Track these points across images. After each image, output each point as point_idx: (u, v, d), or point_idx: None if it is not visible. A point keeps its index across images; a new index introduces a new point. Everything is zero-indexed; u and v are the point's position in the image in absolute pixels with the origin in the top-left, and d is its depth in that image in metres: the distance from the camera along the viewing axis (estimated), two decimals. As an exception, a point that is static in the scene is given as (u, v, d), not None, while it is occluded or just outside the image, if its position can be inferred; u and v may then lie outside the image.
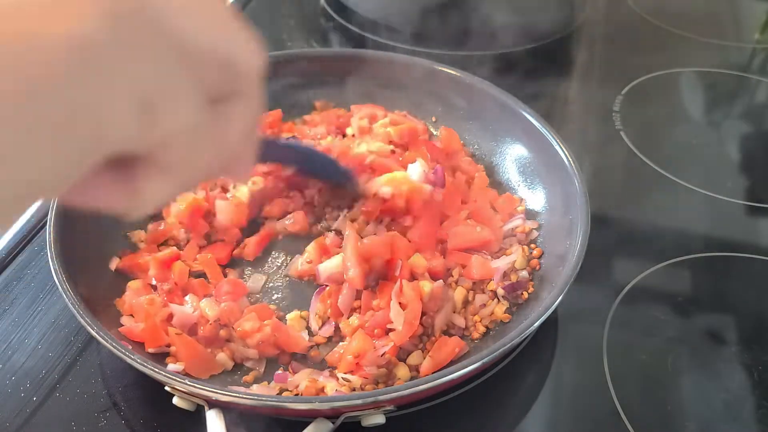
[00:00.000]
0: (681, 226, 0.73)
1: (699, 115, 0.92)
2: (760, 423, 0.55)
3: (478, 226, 0.64)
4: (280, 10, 1.08)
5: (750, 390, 0.57)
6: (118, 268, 0.62)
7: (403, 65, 0.79)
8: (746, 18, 1.11)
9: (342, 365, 0.55)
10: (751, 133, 0.89)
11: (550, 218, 0.66)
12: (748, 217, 0.75)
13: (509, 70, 0.95)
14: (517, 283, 0.61)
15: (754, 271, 0.68)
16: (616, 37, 1.05)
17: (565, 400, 0.57)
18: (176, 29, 0.27)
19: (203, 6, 0.29)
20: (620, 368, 0.58)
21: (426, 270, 0.60)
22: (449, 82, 0.77)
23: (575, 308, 0.62)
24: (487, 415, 0.56)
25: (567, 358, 0.60)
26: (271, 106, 0.78)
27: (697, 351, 0.61)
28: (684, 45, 1.01)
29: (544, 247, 0.65)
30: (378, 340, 0.56)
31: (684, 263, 0.68)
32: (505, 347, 0.50)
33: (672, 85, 0.94)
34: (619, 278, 0.66)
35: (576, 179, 0.63)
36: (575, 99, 0.93)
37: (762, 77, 0.96)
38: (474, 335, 0.59)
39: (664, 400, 0.56)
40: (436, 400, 0.55)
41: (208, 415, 0.48)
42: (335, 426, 0.49)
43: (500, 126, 0.74)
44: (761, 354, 0.60)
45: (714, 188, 0.76)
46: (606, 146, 0.83)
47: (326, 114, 0.78)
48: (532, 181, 0.70)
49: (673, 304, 0.64)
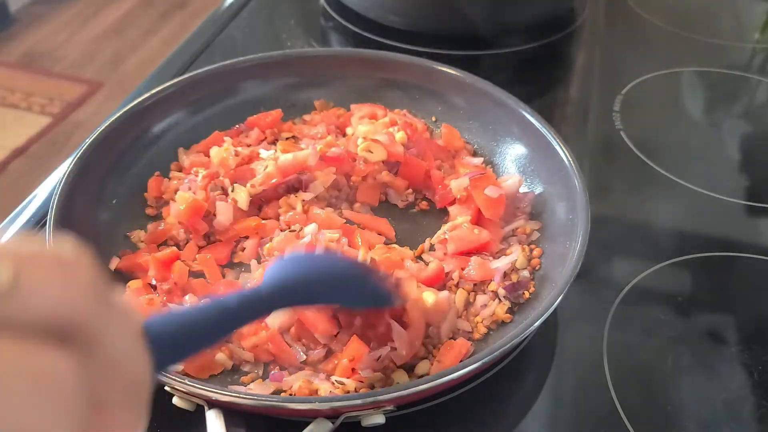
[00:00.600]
0: (681, 226, 0.73)
1: (699, 115, 0.91)
2: (760, 423, 0.55)
3: (476, 228, 0.64)
4: (280, 10, 1.08)
5: (750, 390, 0.57)
6: (118, 268, 0.62)
7: (403, 65, 0.79)
8: (746, 18, 1.11)
9: (338, 369, 0.54)
10: (751, 133, 0.89)
11: (551, 218, 0.66)
12: (748, 217, 0.75)
13: (509, 69, 0.95)
14: (517, 283, 0.61)
15: (754, 271, 0.68)
16: (616, 37, 1.05)
17: (565, 400, 0.57)
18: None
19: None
20: (620, 368, 0.58)
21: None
22: (449, 82, 0.77)
23: (575, 308, 0.62)
24: (487, 415, 0.56)
25: (567, 358, 0.60)
26: (271, 106, 0.78)
27: (697, 351, 0.61)
28: (684, 45, 1.01)
29: (544, 247, 0.64)
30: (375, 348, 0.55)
31: (684, 263, 0.68)
32: (505, 347, 0.50)
33: (672, 85, 0.94)
34: (619, 278, 0.66)
35: (576, 179, 0.63)
36: (575, 99, 0.93)
37: (762, 77, 0.96)
38: (476, 336, 0.59)
39: (664, 400, 0.56)
40: (436, 400, 0.55)
41: (207, 415, 0.48)
42: (335, 426, 0.49)
43: (500, 126, 0.74)
44: (761, 354, 0.60)
45: (714, 188, 0.76)
46: (606, 146, 0.83)
47: (326, 114, 0.78)
48: (532, 180, 0.70)
49: (673, 304, 0.64)
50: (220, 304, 0.35)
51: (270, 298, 0.42)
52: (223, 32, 1.00)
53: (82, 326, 0.20)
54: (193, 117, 0.76)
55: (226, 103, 0.78)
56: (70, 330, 0.20)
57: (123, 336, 0.22)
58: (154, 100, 0.73)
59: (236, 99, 0.78)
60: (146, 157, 0.72)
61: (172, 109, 0.74)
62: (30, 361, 0.18)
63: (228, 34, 1.01)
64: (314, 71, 0.80)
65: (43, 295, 0.19)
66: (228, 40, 0.99)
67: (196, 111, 0.76)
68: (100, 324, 0.21)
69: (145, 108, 0.72)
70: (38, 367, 0.18)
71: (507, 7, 0.96)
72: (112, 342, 0.21)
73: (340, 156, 0.69)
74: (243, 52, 0.80)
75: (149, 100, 0.72)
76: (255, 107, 0.78)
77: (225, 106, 0.78)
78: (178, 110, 0.75)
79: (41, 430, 0.18)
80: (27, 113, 2.40)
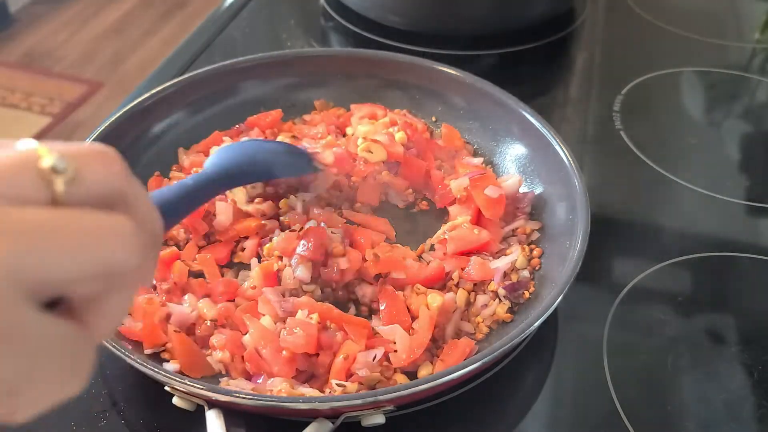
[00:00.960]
0: (681, 226, 0.73)
1: (699, 115, 0.91)
2: (760, 423, 0.55)
3: (476, 228, 0.64)
4: (280, 10, 1.08)
5: (750, 390, 0.57)
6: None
7: (403, 65, 0.79)
8: (746, 18, 1.11)
9: (333, 369, 0.54)
10: (751, 133, 0.89)
11: (551, 218, 0.66)
12: (748, 217, 0.75)
13: (509, 69, 0.95)
14: (518, 282, 0.61)
15: (754, 271, 0.68)
16: (616, 36, 1.05)
17: (565, 400, 0.57)
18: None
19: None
20: (620, 368, 0.58)
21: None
22: (449, 82, 0.77)
23: (575, 308, 0.62)
24: (487, 415, 0.56)
25: (567, 358, 0.60)
26: (271, 106, 0.78)
27: (697, 351, 0.61)
28: (684, 45, 1.01)
29: (544, 247, 0.64)
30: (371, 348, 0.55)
31: (684, 263, 0.68)
32: (505, 347, 0.50)
33: (672, 85, 0.94)
34: (619, 278, 0.66)
35: (576, 179, 0.63)
36: (575, 99, 0.93)
37: (762, 77, 0.96)
38: (478, 336, 0.59)
39: (664, 400, 0.56)
40: (436, 400, 0.55)
41: (208, 415, 0.48)
42: (335, 426, 0.49)
43: (500, 125, 0.74)
44: (761, 354, 0.60)
45: (714, 188, 0.76)
46: (606, 146, 0.83)
47: (326, 113, 0.78)
48: (532, 180, 0.70)
49: (673, 304, 0.64)
50: (181, 184, 0.49)
51: (217, 179, 0.58)
52: (223, 32, 1.00)
53: (123, 196, 0.27)
54: (193, 117, 0.76)
55: (226, 103, 0.78)
56: (116, 200, 0.27)
57: (146, 201, 0.29)
58: (154, 100, 0.73)
59: (236, 99, 0.78)
60: (146, 157, 0.72)
61: (172, 109, 0.74)
62: (104, 220, 0.25)
63: (228, 34, 1.01)
64: (314, 71, 0.80)
65: (97, 177, 0.26)
66: (228, 40, 0.99)
67: (196, 111, 0.76)
68: (134, 192, 0.28)
69: (145, 108, 0.72)
70: (110, 221, 0.26)
71: (507, 7, 0.96)
72: (141, 205, 0.28)
73: (340, 156, 0.69)
74: (243, 52, 0.80)
75: (149, 100, 0.72)
76: (255, 107, 0.78)
77: (225, 106, 0.78)
78: (178, 110, 0.75)
79: (123, 264, 0.25)
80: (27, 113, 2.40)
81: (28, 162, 0.24)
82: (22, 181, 0.24)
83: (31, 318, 0.23)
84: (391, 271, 0.61)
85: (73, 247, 0.24)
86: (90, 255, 0.24)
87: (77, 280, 0.24)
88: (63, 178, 0.25)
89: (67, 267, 0.24)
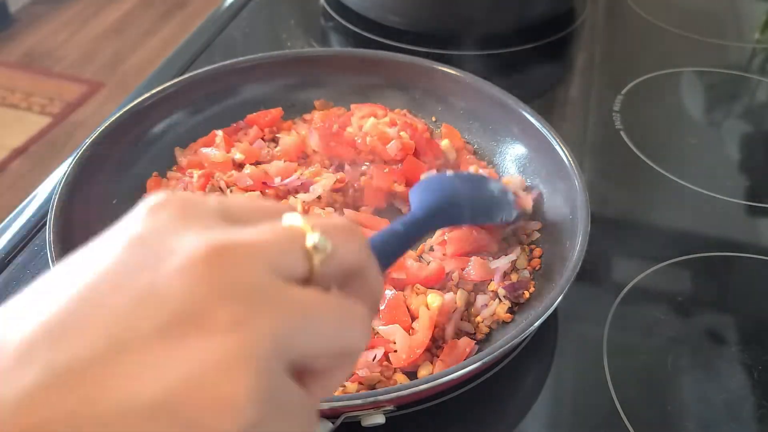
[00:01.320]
0: (681, 226, 0.73)
1: (699, 115, 0.91)
2: (760, 423, 0.55)
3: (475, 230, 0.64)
4: (280, 10, 1.08)
5: (750, 390, 0.57)
6: (118, 268, 0.62)
7: (403, 65, 0.79)
8: (746, 18, 1.11)
9: None
10: (751, 133, 0.89)
11: (551, 218, 0.66)
12: (748, 217, 0.75)
13: (509, 69, 0.95)
14: (518, 282, 0.61)
15: (754, 271, 0.68)
16: (616, 36, 1.05)
17: (565, 400, 0.57)
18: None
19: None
20: (620, 368, 0.58)
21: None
22: (449, 82, 0.77)
23: (575, 308, 0.62)
24: (487, 415, 0.56)
25: (567, 358, 0.60)
26: (271, 106, 0.78)
27: (697, 351, 0.61)
28: (684, 45, 1.01)
29: (544, 247, 0.64)
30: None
31: (684, 263, 0.68)
32: (505, 347, 0.50)
33: (672, 85, 0.94)
34: (619, 278, 0.66)
35: (576, 179, 0.63)
36: (575, 99, 0.93)
37: (762, 77, 0.96)
38: (478, 336, 0.59)
39: (664, 400, 0.56)
40: (436, 400, 0.55)
41: (208, 415, 0.48)
42: (335, 426, 0.49)
43: (500, 126, 0.74)
44: (761, 354, 0.60)
45: (714, 188, 0.76)
46: (606, 146, 0.83)
47: (326, 113, 0.78)
48: (532, 180, 0.70)
49: (673, 304, 0.64)
50: (394, 231, 0.47)
51: (423, 225, 0.53)
52: (223, 32, 1.00)
53: (362, 271, 0.29)
54: (193, 117, 0.76)
55: (226, 103, 0.78)
56: (356, 273, 0.29)
57: (378, 274, 0.30)
58: (154, 100, 0.73)
59: (236, 99, 0.78)
60: (146, 157, 0.71)
61: (172, 109, 0.74)
62: (350, 305, 0.27)
63: (228, 34, 1.01)
64: (314, 71, 0.80)
65: (347, 255, 0.28)
66: (228, 40, 0.99)
67: (196, 111, 0.76)
68: (369, 266, 0.29)
69: (145, 108, 0.72)
70: (353, 307, 0.27)
71: (507, 7, 0.96)
72: (374, 279, 0.30)
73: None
74: (243, 52, 0.80)
75: (149, 100, 0.72)
76: (255, 107, 0.78)
77: (225, 106, 0.78)
78: (178, 110, 0.75)
79: (357, 346, 0.27)
80: (27, 113, 2.40)
81: (295, 239, 0.26)
82: (290, 259, 0.26)
83: (289, 386, 0.25)
84: (391, 271, 0.61)
85: (329, 328, 0.26)
86: (338, 336, 0.26)
87: (321, 357, 0.26)
88: (321, 256, 0.26)
89: (320, 345, 0.26)
